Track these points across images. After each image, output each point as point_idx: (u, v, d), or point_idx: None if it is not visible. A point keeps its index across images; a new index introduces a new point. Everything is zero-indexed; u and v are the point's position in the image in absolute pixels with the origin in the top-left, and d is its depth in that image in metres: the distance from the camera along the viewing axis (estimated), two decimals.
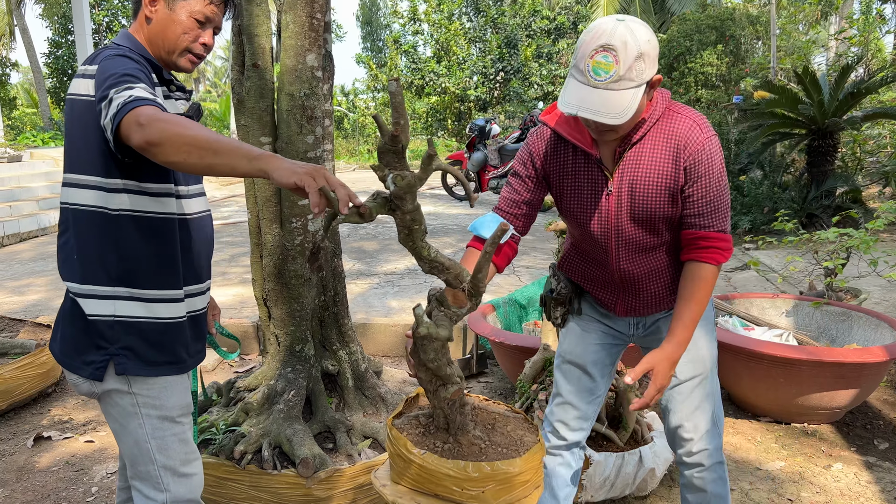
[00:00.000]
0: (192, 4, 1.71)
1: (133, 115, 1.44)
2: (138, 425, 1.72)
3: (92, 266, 1.67)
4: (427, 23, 20.74)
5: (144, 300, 1.69)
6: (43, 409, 3.82)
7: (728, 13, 14.33)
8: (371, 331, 4.53)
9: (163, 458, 1.74)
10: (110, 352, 1.67)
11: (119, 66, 1.57)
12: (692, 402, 1.97)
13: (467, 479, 1.52)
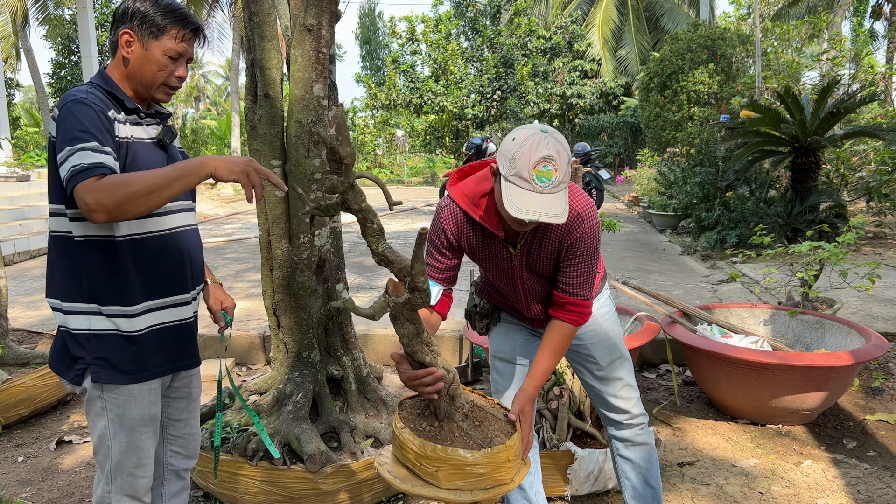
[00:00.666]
0: (165, 43, 1.87)
1: (81, 191, 1.64)
2: (104, 426, 1.92)
3: (67, 285, 1.87)
4: (425, 43, 21.14)
5: (109, 315, 1.86)
6: (63, 415, 4.04)
7: (719, 33, 14.68)
8: (371, 341, 4.76)
9: (118, 456, 1.93)
10: (87, 361, 1.87)
11: (73, 123, 1.73)
12: (619, 379, 2.37)
13: (425, 457, 1.75)
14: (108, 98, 1.86)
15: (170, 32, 1.87)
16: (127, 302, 1.87)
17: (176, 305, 1.97)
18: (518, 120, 20.04)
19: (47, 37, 23.37)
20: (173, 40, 1.88)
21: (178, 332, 2.00)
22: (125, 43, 1.86)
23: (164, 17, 1.86)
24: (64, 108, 1.77)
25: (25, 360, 4.10)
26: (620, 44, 22.97)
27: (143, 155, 1.88)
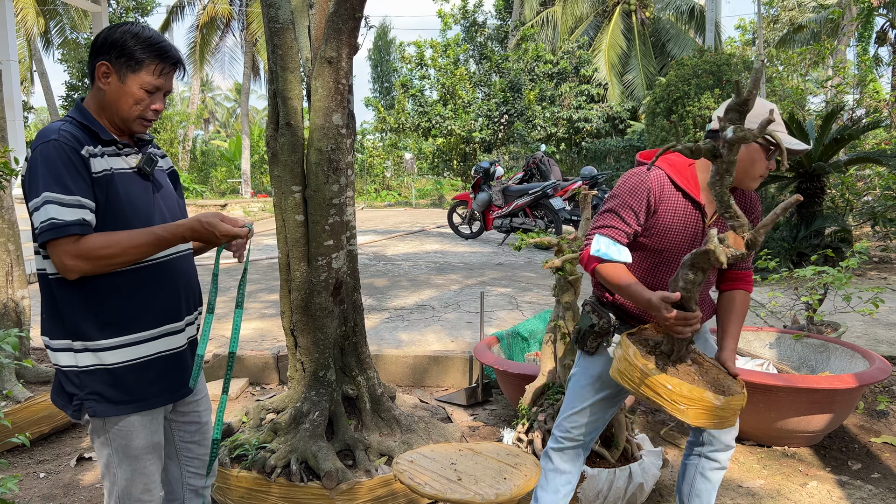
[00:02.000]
0: (142, 77, 1.84)
1: (57, 250, 1.71)
2: (109, 454, 1.93)
3: (51, 322, 1.86)
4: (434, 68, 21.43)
5: (94, 350, 1.84)
6: (82, 433, 4.13)
7: (725, 58, 14.85)
8: (383, 362, 4.85)
9: (124, 484, 1.95)
10: (81, 397, 1.85)
11: (47, 169, 1.73)
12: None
13: (680, 395, 1.95)
14: (84, 132, 1.83)
15: (148, 67, 1.84)
16: (112, 335, 1.86)
17: (168, 334, 1.95)
18: (525, 143, 20.23)
19: (62, 60, 23.78)
20: (151, 75, 1.85)
21: (171, 361, 1.97)
22: (102, 74, 1.84)
23: (144, 51, 1.83)
24: (36, 150, 1.75)
25: (47, 379, 4.20)
26: (627, 68, 23.20)
27: (124, 186, 1.86)
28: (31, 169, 1.75)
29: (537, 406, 3.26)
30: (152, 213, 1.93)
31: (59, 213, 1.70)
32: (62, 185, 1.72)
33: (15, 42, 11.52)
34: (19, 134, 11.38)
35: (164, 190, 2.02)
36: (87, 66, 1.89)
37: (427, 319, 5.99)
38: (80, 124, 1.85)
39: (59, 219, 1.70)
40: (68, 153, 1.75)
